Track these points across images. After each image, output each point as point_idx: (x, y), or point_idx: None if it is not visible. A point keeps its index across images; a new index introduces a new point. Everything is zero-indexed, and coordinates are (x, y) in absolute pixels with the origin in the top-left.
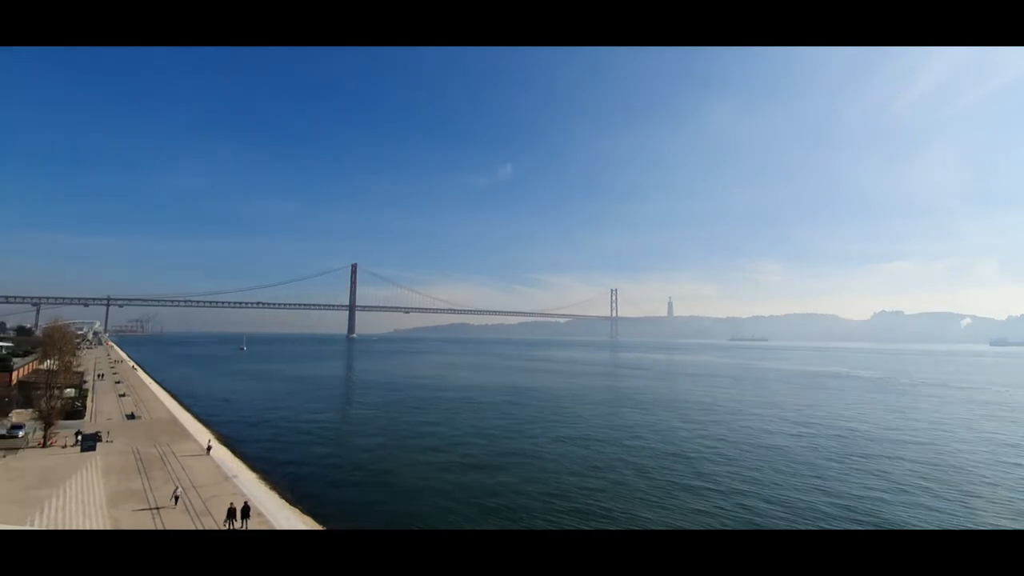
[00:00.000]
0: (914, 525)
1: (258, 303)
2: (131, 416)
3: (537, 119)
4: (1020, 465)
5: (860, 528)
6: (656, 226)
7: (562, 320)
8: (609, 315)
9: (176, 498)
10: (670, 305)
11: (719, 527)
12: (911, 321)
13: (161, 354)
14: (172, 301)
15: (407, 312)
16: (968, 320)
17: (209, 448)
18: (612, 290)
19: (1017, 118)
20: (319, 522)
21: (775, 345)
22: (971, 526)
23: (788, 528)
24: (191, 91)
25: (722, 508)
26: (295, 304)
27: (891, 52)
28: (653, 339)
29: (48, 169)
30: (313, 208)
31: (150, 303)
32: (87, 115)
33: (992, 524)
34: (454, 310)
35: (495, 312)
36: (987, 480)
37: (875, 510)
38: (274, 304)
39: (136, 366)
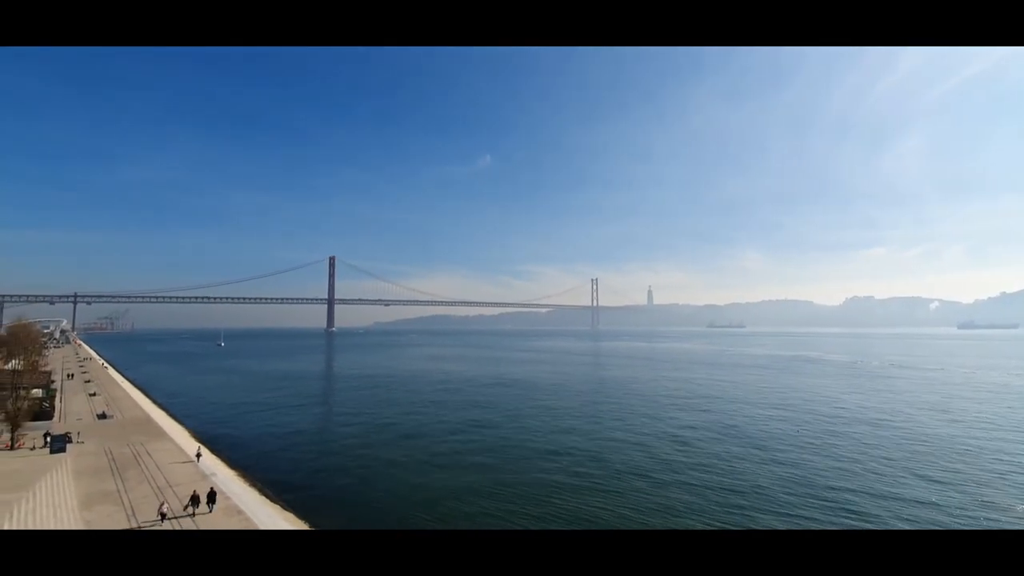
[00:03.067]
0: (909, 519)
1: (234, 298)
2: (102, 416)
3: (517, 109)
4: (991, 444)
5: (858, 528)
6: (640, 216)
7: (543, 310)
8: (590, 305)
9: (162, 515)
10: (650, 294)
11: (718, 526)
12: (882, 306)
13: (133, 352)
14: (143, 297)
15: (387, 305)
16: (936, 304)
17: (199, 456)
18: (593, 280)
19: (986, 108)
20: (299, 516)
21: (752, 331)
22: (968, 525)
23: (787, 528)
24: (159, 82)
25: (708, 498)
26: (273, 299)
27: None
28: (634, 328)
29: (9, 163)
30: (289, 200)
31: (119, 300)
32: (52, 108)
33: (968, 505)
34: (436, 302)
35: (477, 303)
36: (961, 460)
37: (858, 491)
38: (251, 299)
39: (107, 364)
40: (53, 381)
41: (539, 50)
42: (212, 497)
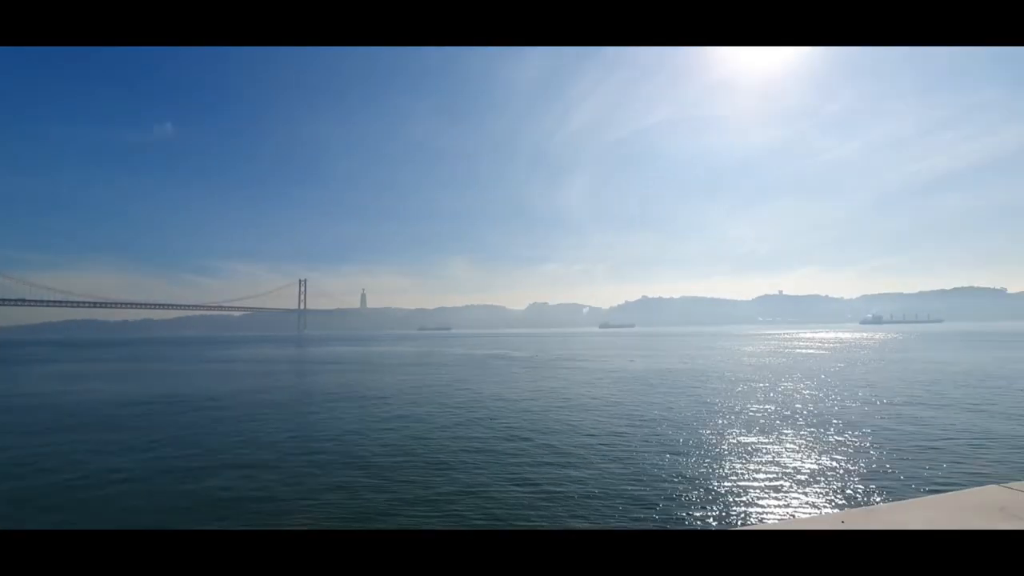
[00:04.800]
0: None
1: None
2: None
3: (217, 81)
4: (635, 414)
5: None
6: (359, 218)
7: (238, 314)
8: (297, 308)
9: None
10: (363, 297)
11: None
12: (553, 310)
13: None
14: None
15: None
16: (587, 309)
17: None
18: (301, 280)
19: (624, 164)
20: None
21: (456, 333)
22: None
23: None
24: None
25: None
26: None
27: (560, 92)
28: (345, 332)
29: None
30: None
31: None
32: None
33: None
34: (77, 303)
35: (143, 305)
36: (605, 430)
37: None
38: None
39: None
40: None
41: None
42: None
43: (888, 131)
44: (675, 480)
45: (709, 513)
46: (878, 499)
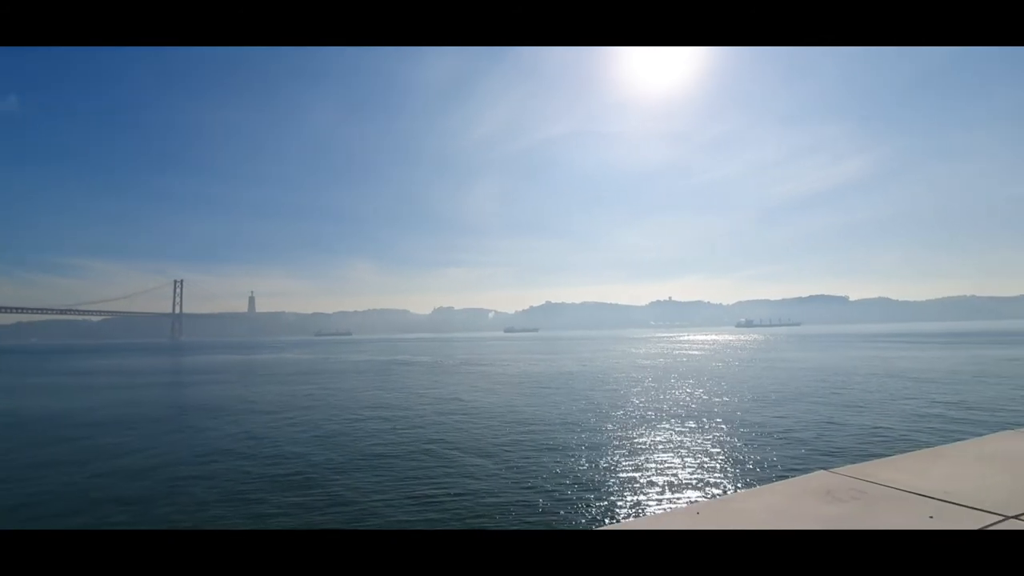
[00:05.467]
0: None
1: None
2: None
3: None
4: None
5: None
6: (250, 215)
7: (96, 318)
8: (172, 311)
9: None
10: (252, 300)
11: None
12: (458, 314)
13: None
14: None
15: None
16: (492, 314)
17: None
18: (176, 281)
19: (529, 172)
20: None
21: (357, 338)
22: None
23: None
24: None
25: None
26: None
27: (467, 97)
28: (230, 338)
29: None
30: None
31: None
32: None
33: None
34: None
35: None
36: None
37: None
38: None
39: None
40: None
41: None
42: None
43: (761, 156)
44: (558, 479)
45: (584, 512)
46: (731, 489)
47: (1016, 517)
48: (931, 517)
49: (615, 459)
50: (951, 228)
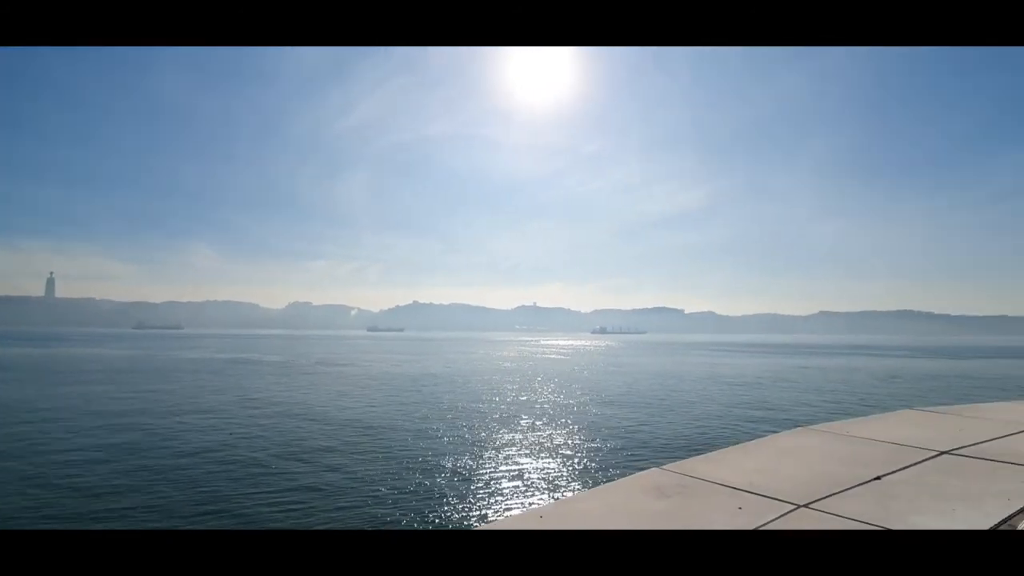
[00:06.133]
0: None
1: None
2: None
3: None
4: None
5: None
6: (58, 178)
7: None
8: None
9: None
10: (51, 282)
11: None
12: (317, 311)
13: None
14: None
15: None
16: (356, 311)
17: None
18: None
19: (411, 164)
20: None
21: (191, 333)
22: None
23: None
24: None
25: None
26: None
27: (343, 81)
28: (19, 327)
29: None
30: None
31: None
32: None
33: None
34: None
35: None
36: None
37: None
38: None
39: None
40: None
41: None
42: None
43: (625, 177)
44: (405, 481)
45: (418, 517)
46: (571, 490)
47: (806, 506)
48: (740, 508)
49: (466, 463)
50: (762, 256)
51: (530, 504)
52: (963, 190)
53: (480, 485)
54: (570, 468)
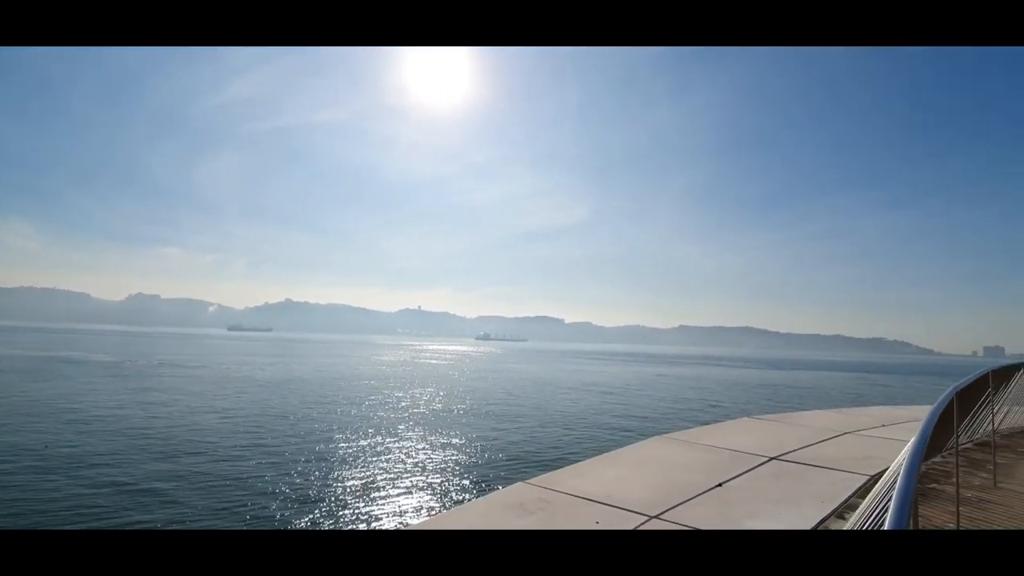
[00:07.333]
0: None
1: None
2: None
3: None
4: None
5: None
6: None
7: None
8: None
9: None
10: None
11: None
12: (166, 305)
13: None
14: None
15: None
16: (215, 308)
17: None
18: None
19: (292, 152)
20: None
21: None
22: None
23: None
24: None
25: None
26: None
27: (214, 50)
28: None
29: None
30: None
31: None
32: None
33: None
34: None
35: None
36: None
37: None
38: None
39: None
40: None
41: None
42: None
43: (511, 189)
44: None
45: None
46: (443, 507)
47: (657, 516)
48: (597, 522)
49: (322, 488)
50: (633, 272)
51: (397, 524)
52: (791, 229)
53: (344, 506)
54: (437, 484)
